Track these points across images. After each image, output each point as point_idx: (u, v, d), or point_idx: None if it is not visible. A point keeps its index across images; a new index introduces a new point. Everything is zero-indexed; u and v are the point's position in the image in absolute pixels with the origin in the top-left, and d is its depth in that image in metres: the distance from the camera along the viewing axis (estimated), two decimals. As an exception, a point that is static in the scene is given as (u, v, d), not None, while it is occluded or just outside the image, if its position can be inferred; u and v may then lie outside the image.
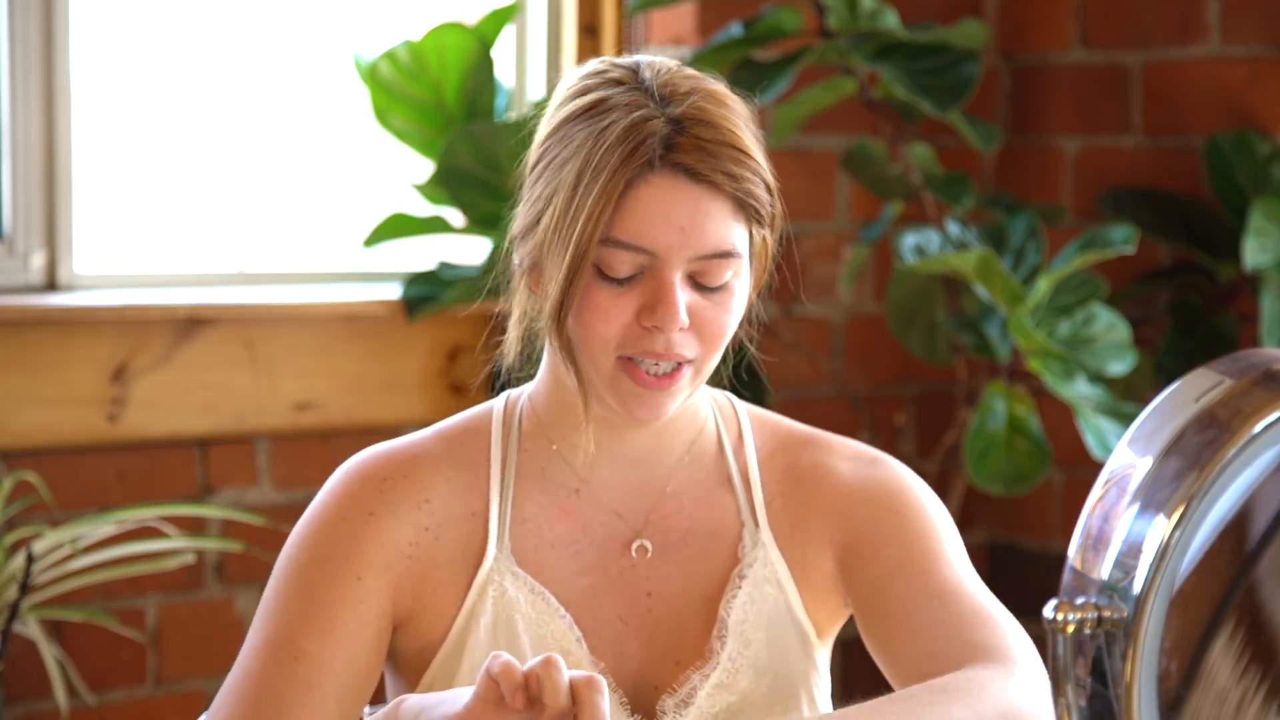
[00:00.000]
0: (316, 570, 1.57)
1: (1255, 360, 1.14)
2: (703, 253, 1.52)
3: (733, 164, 1.52)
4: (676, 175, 1.51)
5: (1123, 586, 1.08)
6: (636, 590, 1.62)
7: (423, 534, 1.60)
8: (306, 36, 3.30)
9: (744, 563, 1.63)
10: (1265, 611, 1.16)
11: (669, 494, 1.64)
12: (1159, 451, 1.11)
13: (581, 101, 1.55)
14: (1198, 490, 1.09)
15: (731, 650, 1.60)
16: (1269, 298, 3.13)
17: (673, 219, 1.51)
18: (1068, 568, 1.11)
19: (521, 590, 1.59)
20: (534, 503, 1.62)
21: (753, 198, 1.53)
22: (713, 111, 1.53)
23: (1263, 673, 1.16)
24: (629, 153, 1.50)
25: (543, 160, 1.57)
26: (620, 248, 1.51)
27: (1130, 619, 1.07)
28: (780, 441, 1.69)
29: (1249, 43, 3.35)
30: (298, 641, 1.55)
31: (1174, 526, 1.08)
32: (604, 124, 1.52)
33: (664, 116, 1.51)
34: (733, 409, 1.70)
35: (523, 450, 1.63)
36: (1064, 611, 1.08)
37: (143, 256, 3.16)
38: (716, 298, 1.54)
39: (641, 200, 1.50)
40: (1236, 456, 1.10)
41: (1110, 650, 1.08)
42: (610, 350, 1.54)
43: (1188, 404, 1.12)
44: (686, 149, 1.51)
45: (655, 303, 1.52)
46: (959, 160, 3.54)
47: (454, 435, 1.65)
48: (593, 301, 1.52)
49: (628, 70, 1.56)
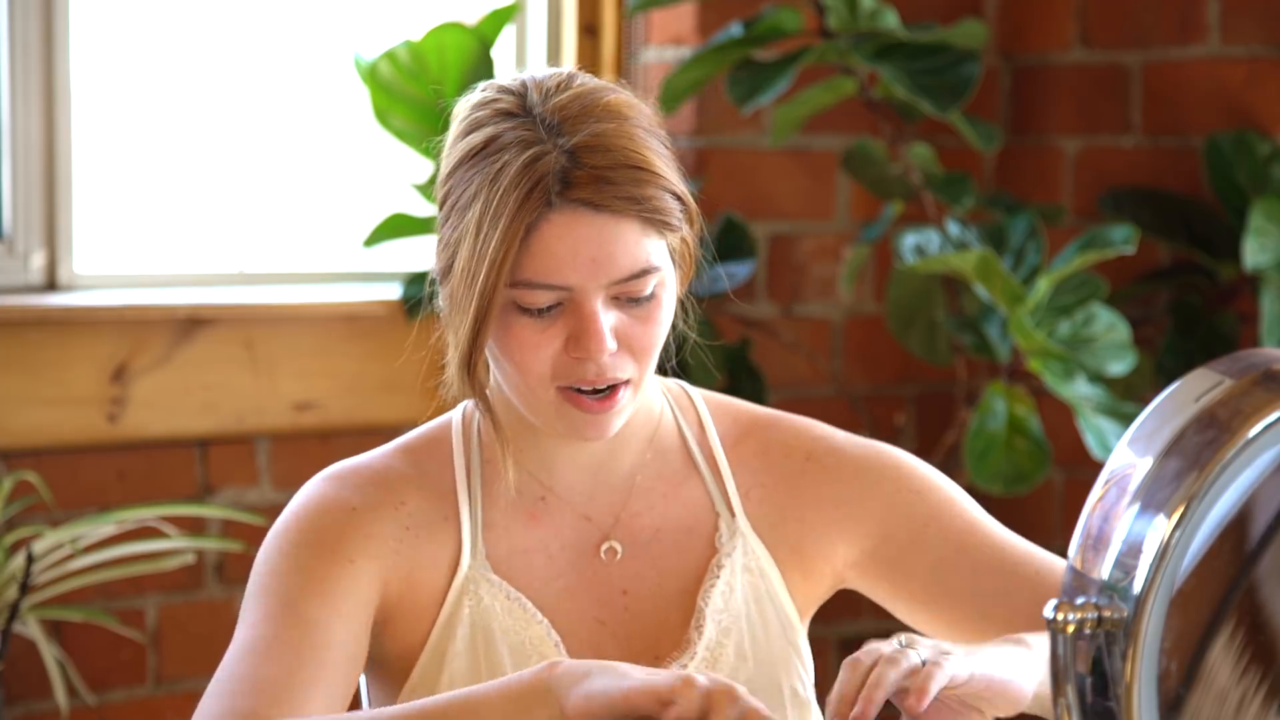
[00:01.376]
0: (308, 552, 1.56)
1: (1255, 360, 1.14)
2: (618, 277, 1.50)
3: (633, 186, 1.48)
4: (577, 209, 1.48)
5: (1123, 586, 1.08)
6: (611, 590, 1.61)
7: (404, 532, 1.59)
8: (306, 36, 3.30)
9: (722, 553, 1.63)
10: (1265, 611, 1.16)
11: (636, 492, 1.63)
12: (1159, 451, 1.11)
13: (474, 140, 1.52)
14: (1198, 490, 1.09)
15: (709, 638, 1.60)
16: (1269, 298, 3.13)
17: (581, 253, 1.48)
18: (1068, 568, 1.11)
19: (498, 598, 1.58)
20: (501, 510, 1.61)
21: (660, 213, 1.50)
22: (608, 133, 1.49)
23: (1263, 673, 1.16)
24: (525, 196, 1.47)
25: (446, 201, 1.55)
26: (532, 288, 1.49)
27: (1130, 619, 1.07)
28: (743, 426, 1.68)
29: (1249, 43, 3.35)
30: (300, 609, 1.52)
31: (1174, 527, 1.08)
32: (497, 166, 1.48)
33: (556, 150, 1.48)
34: (687, 397, 1.69)
35: (485, 460, 1.63)
36: (1064, 611, 1.08)
37: (143, 256, 3.16)
38: (642, 311, 1.52)
39: (545, 239, 1.48)
40: (1236, 456, 1.10)
41: (1110, 650, 1.08)
42: (547, 383, 1.52)
43: (1188, 404, 1.12)
44: (584, 182, 1.47)
45: (580, 334, 1.50)
46: (959, 160, 3.54)
47: (416, 447, 1.64)
48: (518, 339, 1.51)
49: (516, 98, 1.52)
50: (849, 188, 3.53)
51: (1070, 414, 3.12)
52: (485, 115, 1.53)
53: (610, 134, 1.49)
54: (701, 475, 1.66)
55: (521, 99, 1.52)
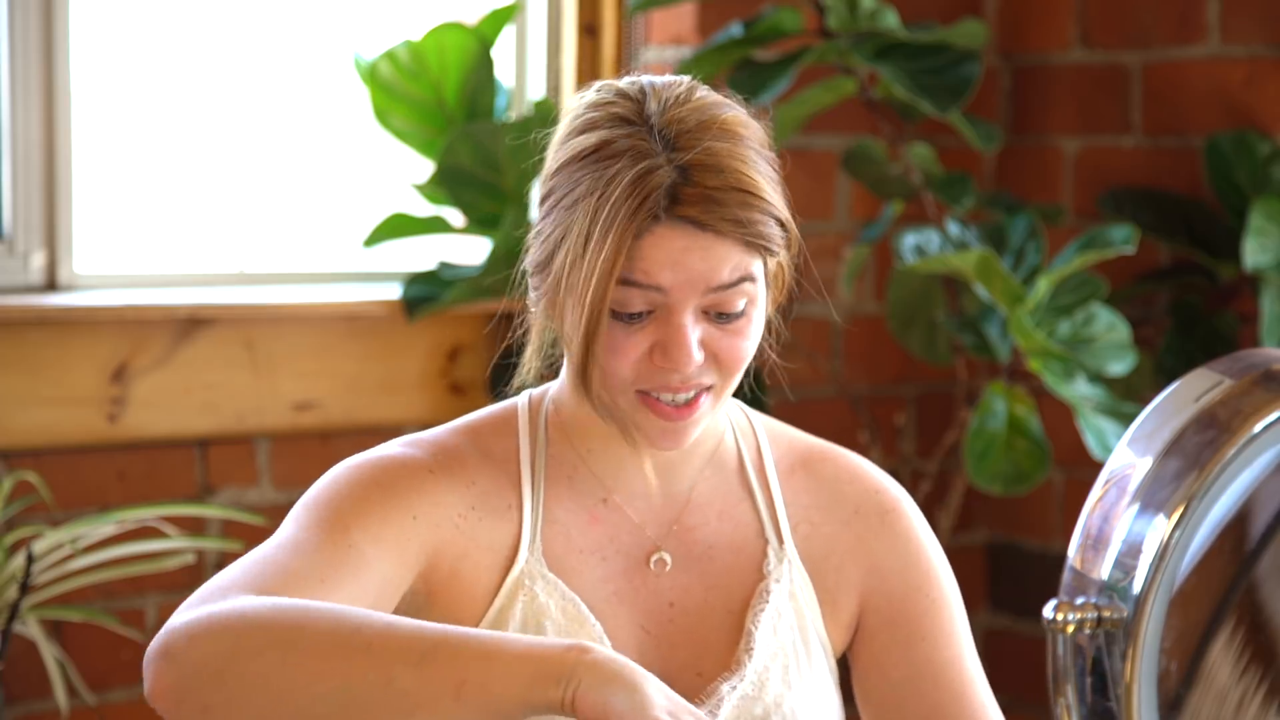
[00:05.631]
0: (376, 491, 1.55)
1: (1255, 360, 1.14)
2: (713, 285, 1.51)
3: (740, 209, 1.50)
4: (684, 226, 1.49)
5: (1122, 586, 1.09)
6: (659, 600, 1.62)
7: (470, 511, 1.58)
8: (306, 36, 3.30)
9: (770, 578, 1.63)
10: (1265, 611, 1.16)
11: (692, 506, 1.64)
12: (1159, 451, 1.11)
13: (587, 141, 1.52)
14: (1198, 490, 1.09)
15: (758, 663, 1.60)
16: (1269, 298, 3.13)
17: (681, 265, 1.49)
18: (1067, 568, 1.11)
19: (553, 596, 1.58)
20: (563, 507, 1.62)
21: (762, 238, 1.51)
22: (722, 152, 1.50)
23: (1263, 672, 1.16)
24: (635, 208, 1.48)
25: (551, 196, 1.55)
26: (631, 286, 1.50)
27: (1130, 619, 1.08)
28: (798, 456, 1.69)
29: (1249, 43, 3.35)
30: (350, 534, 1.51)
31: (1174, 526, 1.09)
32: (610, 172, 1.49)
33: (669, 164, 1.49)
34: (748, 421, 1.70)
35: (550, 454, 1.63)
36: (1064, 611, 1.09)
37: (143, 256, 3.16)
38: (733, 327, 1.53)
39: (647, 248, 1.49)
40: (1236, 456, 1.10)
41: (1110, 650, 1.09)
42: (628, 387, 1.53)
43: (1187, 404, 1.12)
44: (692, 200, 1.48)
45: (668, 343, 1.51)
46: (959, 160, 3.54)
47: (483, 430, 1.64)
48: (607, 342, 1.52)
49: (633, 104, 1.53)
50: (849, 188, 3.53)
51: (1070, 414, 3.12)
52: (600, 117, 1.53)
53: (723, 154, 1.50)
54: (755, 499, 1.66)
55: (639, 106, 1.53)
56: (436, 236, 3.22)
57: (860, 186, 3.47)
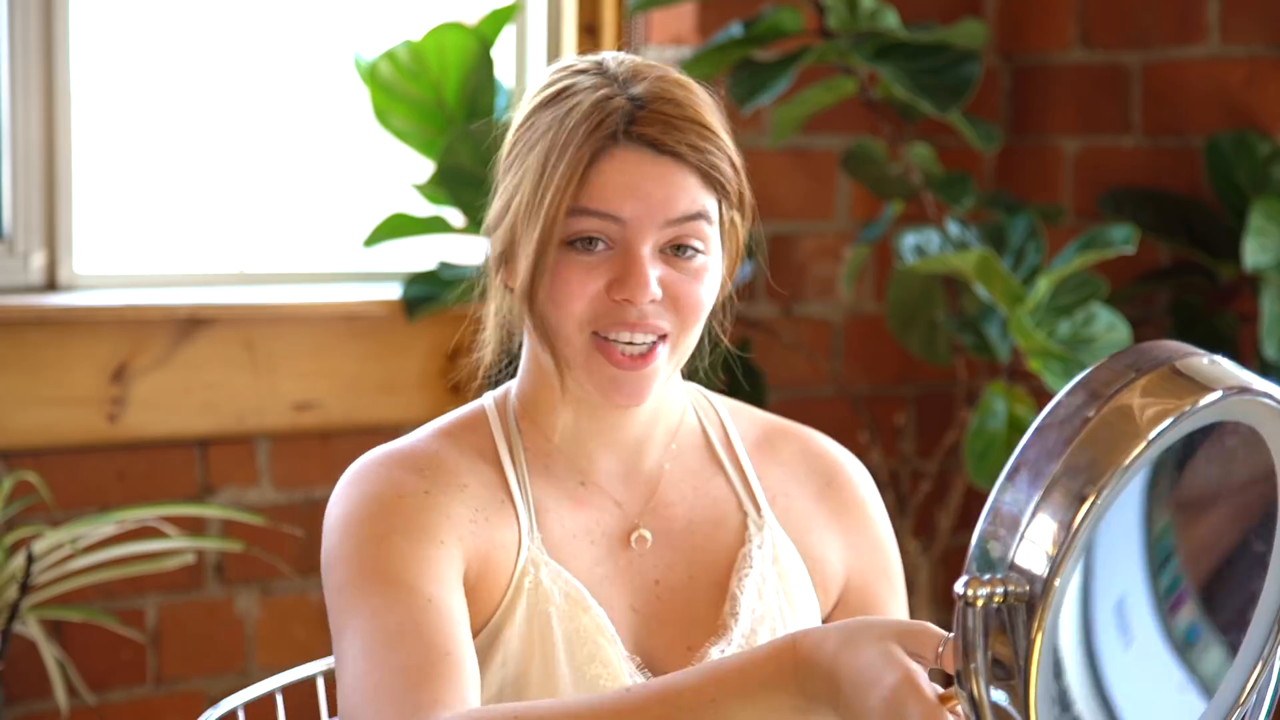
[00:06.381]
0: (402, 539, 1.53)
1: (1160, 354, 1.19)
2: (672, 217, 1.54)
3: (697, 138, 1.54)
4: (641, 148, 1.53)
5: (1027, 566, 1.15)
6: (645, 579, 1.63)
7: (475, 514, 1.59)
8: (306, 36, 3.30)
9: (752, 544, 1.65)
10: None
11: (665, 483, 1.66)
12: (1069, 438, 1.16)
13: (548, 91, 1.58)
14: (1107, 481, 1.14)
15: (744, 625, 1.62)
16: (1269, 298, 3.13)
17: (640, 188, 1.53)
18: (976, 543, 1.17)
19: (556, 582, 1.59)
20: (548, 494, 1.63)
21: (718, 171, 1.55)
22: (676, 91, 1.56)
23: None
24: (593, 127, 1.52)
25: (511, 151, 1.59)
26: (588, 215, 1.53)
27: (1035, 594, 1.15)
28: (762, 431, 1.72)
29: (1249, 43, 3.35)
30: (421, 589, 1.50)
31: (1083, 514, 1.14)
32: (569, 106, 1.54)
33: (626, 95, 1.54)
34: (708, 401, 1.72)
35: (525, 445, 1.64)
36: (973, 587, 1.16)
37: (143, 256, 3.16)
38: (690, 268, 1.56)
39: (606, 171, 1.53)
40: (1145, 450, 1.15)
41: (1014, 623, 1.16)
42: (584, 326, 1.55)
43: (1100, 393, 1.17)
44: (650, 122, 1.53)
45: (624, 275, 1.53)
46: (959, 160, 3.54)
47: (456, 431, 1.64)
48: (562, 277, 1.54)
49: (592, 62, 1.60)
50: (849, 188, 3.53)
51: (1070, 414, 3.11)
52: (561, 74, 1.59)
53: (679, 93, 1.56)
54: (727, 474, 1.69)
55: (599, 62, 1.59)
56: (436, 236, 3.22)
57: (860, 186, 3.47)
